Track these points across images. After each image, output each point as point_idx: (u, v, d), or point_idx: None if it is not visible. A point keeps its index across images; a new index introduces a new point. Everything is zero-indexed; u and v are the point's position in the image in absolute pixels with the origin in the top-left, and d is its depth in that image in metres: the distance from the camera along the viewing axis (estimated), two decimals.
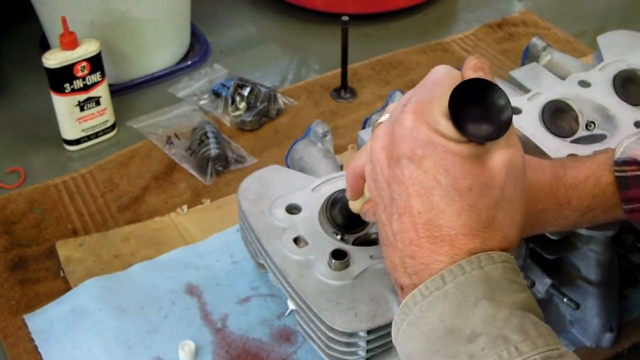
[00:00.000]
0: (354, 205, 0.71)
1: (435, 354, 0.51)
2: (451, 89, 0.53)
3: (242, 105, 1.14)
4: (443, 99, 0.53)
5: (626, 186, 0.68)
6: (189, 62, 1.27)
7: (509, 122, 0.52)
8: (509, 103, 0.52)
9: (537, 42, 1.02)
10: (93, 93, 1.08)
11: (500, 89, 0.52)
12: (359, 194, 0.67)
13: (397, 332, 0.55)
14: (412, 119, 0.54)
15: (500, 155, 0.54)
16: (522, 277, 0.54)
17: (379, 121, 0.60)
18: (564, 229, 0.72)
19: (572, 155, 0.83)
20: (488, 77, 0.55)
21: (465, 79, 0.54)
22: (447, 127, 0.53)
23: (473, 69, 0.55)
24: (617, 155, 0.69)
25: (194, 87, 1.21)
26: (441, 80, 0.55)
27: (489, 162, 0.54)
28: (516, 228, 0.57)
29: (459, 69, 0.57)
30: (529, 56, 1.03)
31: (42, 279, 0.91)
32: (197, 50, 1.29)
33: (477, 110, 0.52)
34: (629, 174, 0.68)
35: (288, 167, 0.93)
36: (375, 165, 0.58)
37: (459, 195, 0.53)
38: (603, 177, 0.69)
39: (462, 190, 0.53)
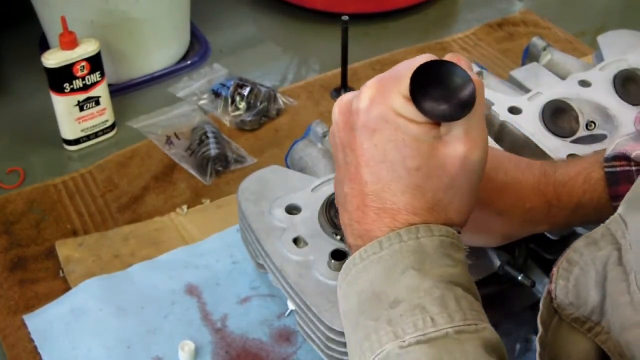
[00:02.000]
0: None
1: (362, 314, 0.53)
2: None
3: (242, 105, 1.14)
4: (405, 79, 0.54)
5: (615, 181, 0.67)
6: (189, 62, 1.27)
7: (467, 103, 0.52)
8: (470, 85, 0.52)
9: (537, 41, 1.02)
10: (92, 93, 1.08)
11: (462, 70, 0.52)
12: None
13: (338, 290, 0.57)
14: (370, 95, 0.56)
15: (457, 147, 0.55)
16: (462, 253, 0.56)
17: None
18: (555, 228, 0.72)
19: (572, 156, 0.83)
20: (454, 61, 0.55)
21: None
22: (404, 106, 0.55)
23: (448, 57, 0.56)
24: (608, 152, 0.69)
25: (193, 86, 1.21)
26: (409, 63, 0.56)
27: (444, 149, 0.55)
28: (462, 217, 0.58)
29: None
30: (529, 56, 1.03)
31: (42, 279, 0.91)
32: (197, 50, 1.29)
33: (437, 89, 0.52)
34: (617, 169, 0.67)
35: (288, 167, 0.93)
36: (334, 125, 0.60)
37: (406, 173, 0.55)
38: (593, 174, 0.69)
39: (409, 169, 0.55)
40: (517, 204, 0.67)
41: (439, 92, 0.52)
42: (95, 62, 1.05)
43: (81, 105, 1.08)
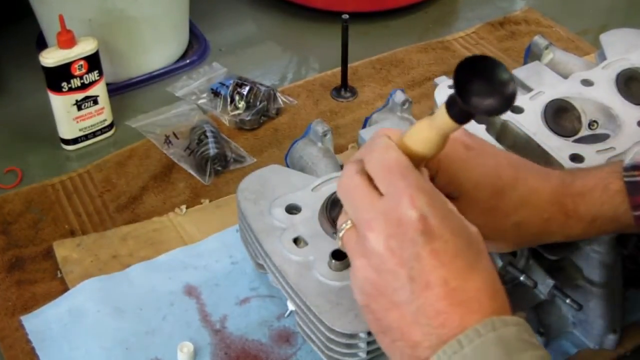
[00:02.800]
0: None
1: None
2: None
3: (242, 104, 1.13)
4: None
5: (636, 191, 0.67)
6: (188, 61, 1.26)
7: (513, 98, 0.52)
8: (513, 81, 0.52)
9: (539, 40, 1.02)
10: (91, 92, 1.07)
11: (504, 65, 0.52)
12: None
13: None
14: (410, 201, 0.54)
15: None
16: (535, 338, 0.55)
17: (345, 228, 0.60)
18: (569, 239, 0.71)
19: (574, 155, 0.83)
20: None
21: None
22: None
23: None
24: (627, 161, 0.69)
25: (192, 86, 1.21)
26: (405, 177, 0.56)
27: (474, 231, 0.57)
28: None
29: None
30: (531, 55, 1.03)
31: (39, 279, 0.91)
32: (196, 49, 1.29)
33: (483, 84, 0.51)
34: (638, 178, 0.67)
35: (288, 166, 0.92)
36: (377, 261, 0.57)
37: (475, 258, 0.55)
38: (611, 185, 0.68)
39: (476, 253, 0.55)
40: (535, 215, 0.67)
41: (484, 86, 0.51)
42: (93, 61, 1.05)
43: (79, 105, 1.07)
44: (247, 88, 1.14)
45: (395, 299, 0.56)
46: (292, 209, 0.79)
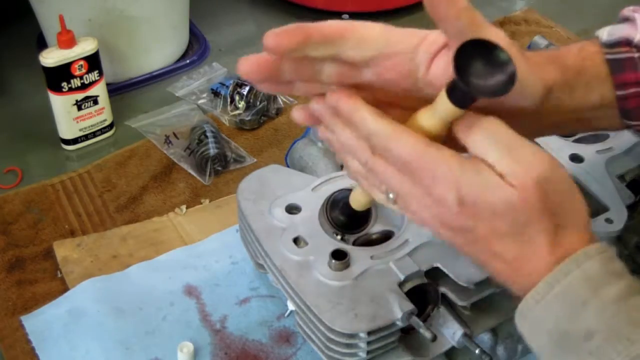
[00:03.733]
0: (355, 202, 0.71)
1: (559, 352, 0.55)
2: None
3: (241, 104, 1.13)
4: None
5: (621, 69, 0.64)
6: (188, 61, 1.26)
7: (513, 78, 0.51)
8: (511, 61, 0.52)
9: (539, 40, 1.02)
10: (91, 92, 1.07)
11: (501, 47, 0.52)
12: None
13: (521, 329, 0.58)
14: (452, 192, 0.54)
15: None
16: (618, 262, 0.56)
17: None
18: (570, 105, 0.66)
19: (574, 155, 0.83)
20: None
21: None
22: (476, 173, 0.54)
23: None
24: (605, 38, 0.65)
25: (192, 86, 1.21)
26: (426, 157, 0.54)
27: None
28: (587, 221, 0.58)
29: None
30: None
31: (40, 279, 0.91)
32: (196, 49, 1.29)
33: (482, 66, 0.51)
34: (622, 55, 0.64)
35: (288, 166, 0.92)
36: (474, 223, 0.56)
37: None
38: (589, 47, 0.65)
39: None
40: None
41: (484, 68, 0.51)
42: (93, 61, 1.05)
43: (79, 105, 1.07)
44: (247, 88, 1.14)
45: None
46: (292, 209, 0.79)
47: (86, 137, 1.11)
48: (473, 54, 0.51)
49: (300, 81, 0.59)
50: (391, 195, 0.60)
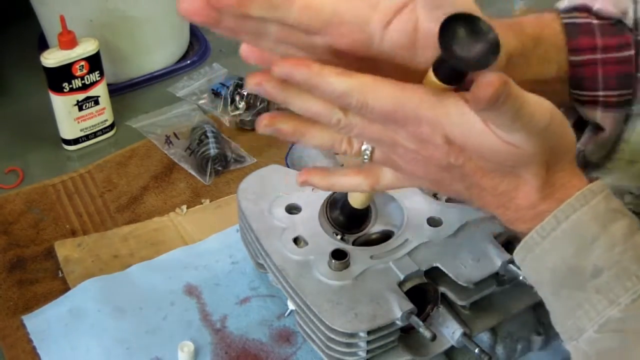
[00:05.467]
0: (354, 200, 0.71)
1: (563, 287, 0.55)
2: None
3: (242, 104, 1.14)
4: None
5: (575, 34, 0.64)
6: (188, 62, 1.26)
7: (496, 47, 0.50)
8: (493, 31, 0.51)
9: None
10: (92, 92, 1.07)
11: (483, 20, 0.51)
12: None
13: (521, 263, 0.58)
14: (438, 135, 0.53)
15: None
16: (618, 200, 0.56)
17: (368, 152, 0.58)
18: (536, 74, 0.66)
19: None
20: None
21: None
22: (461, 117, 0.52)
23: None
24: (564, 5, 0.65)
25: (193, 86, 1.21)
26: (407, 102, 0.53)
27: None
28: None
29: None
30: None
31: (41, 279, 0.91)
32: (197, 50, 1.29)
33: (467, 39, 0.50)
34: (579, 20, 0.64)
35: (288, 166, 0.92)
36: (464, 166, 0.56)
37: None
38: (545, 15, 0.65)
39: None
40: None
41: (468, 40, 0.50)
42: (94, 62, 1.05)
43: (80, 105, 1.07)
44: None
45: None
46: (292, 209, 0.79)
47: (87, 138, 1.11)
48: (455, 28, 0.50)
49: (245, 34, 0.54)
50: (368, 151, 0.58)
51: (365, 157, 0.59)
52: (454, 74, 0.52)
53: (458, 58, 0.50)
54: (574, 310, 0.55)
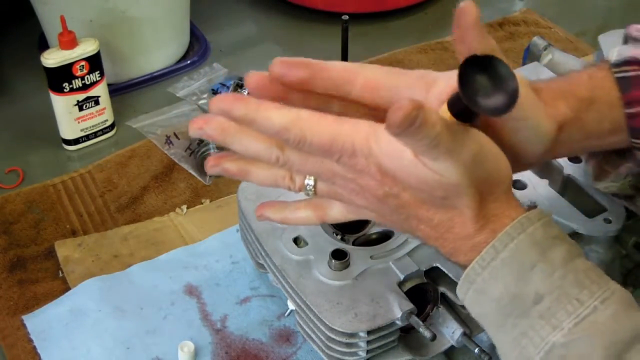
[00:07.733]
0: None
1: (508, 316, 0.56)
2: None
3: None
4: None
5: (628, 87, 0.65)
6: (189, 62, 1.26)
7: (516, 94, 0.51)
8: (514, 76, 0.51)
9: (538, 41, 1.02)
10: (92, 92, 1.07)
11: (504, 62, 0.51)
12: None
13: (464, 297, 0.58)
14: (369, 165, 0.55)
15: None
16: (557, 227, 0.57)
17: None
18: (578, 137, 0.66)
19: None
20: (488, 52, 0.53)
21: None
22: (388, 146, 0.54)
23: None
24: (614, 59, 0.66)
25: (193, 86, 1.21)
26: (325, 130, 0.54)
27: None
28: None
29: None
30: (530, 56, 1.03)
31: (41, 279, 0.91)
32: (197, 50, 1.29)
33: (487, 84, 0.51)
34: (630, 73, 0.65)
35: None
36: (396, 200, 0.57)
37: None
38: (597, 73, 0.66)
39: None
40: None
41: (487, 89, 0.51)
42: (94, 62, 1.05)
43: (80, 105, 1.07)
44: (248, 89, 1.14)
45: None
46: None
47: (87, 138, 1.11)
48: (477, 70, 0.51)
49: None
50: (310, 186, 0.60)
51: (309, 191, 0.61)
52: (467, 113, 0.53)
53: (476, 105, 0.50)
54: (519, 340, 0.55)
